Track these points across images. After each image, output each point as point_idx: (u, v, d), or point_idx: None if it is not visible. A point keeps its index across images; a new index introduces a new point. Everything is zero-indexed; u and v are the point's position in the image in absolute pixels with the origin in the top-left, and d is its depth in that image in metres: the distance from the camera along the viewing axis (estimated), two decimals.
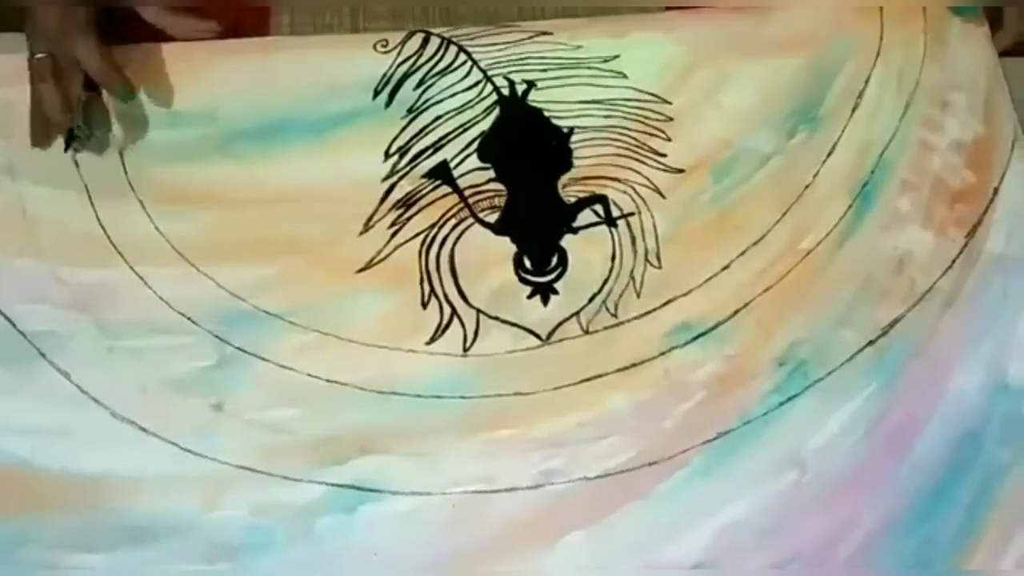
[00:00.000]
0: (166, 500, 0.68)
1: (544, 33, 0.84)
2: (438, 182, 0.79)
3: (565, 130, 0.80)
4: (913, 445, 0.71)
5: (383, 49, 0.83)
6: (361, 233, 0.76)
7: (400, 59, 0.82)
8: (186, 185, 0.78)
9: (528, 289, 0.75)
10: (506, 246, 0.77)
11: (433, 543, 0.68)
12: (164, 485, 0.69)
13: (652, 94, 0.82)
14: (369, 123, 0.80)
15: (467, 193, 0.78)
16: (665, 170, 0.79)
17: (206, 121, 0.80)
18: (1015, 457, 0.70)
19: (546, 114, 0.81)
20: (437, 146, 0.80)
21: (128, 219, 0.76)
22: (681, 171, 0.79)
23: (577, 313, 0.75)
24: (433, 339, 0.74)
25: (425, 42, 0.83)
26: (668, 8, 0.86)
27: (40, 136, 0.79)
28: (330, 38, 0.83)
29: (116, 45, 0.79)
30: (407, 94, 0.81)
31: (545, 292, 0.75)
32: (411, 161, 0.79)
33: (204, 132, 0.79)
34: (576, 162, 0.79)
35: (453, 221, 0.77)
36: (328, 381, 0.72)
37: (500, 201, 0.78)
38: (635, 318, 0.75)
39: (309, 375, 0.72)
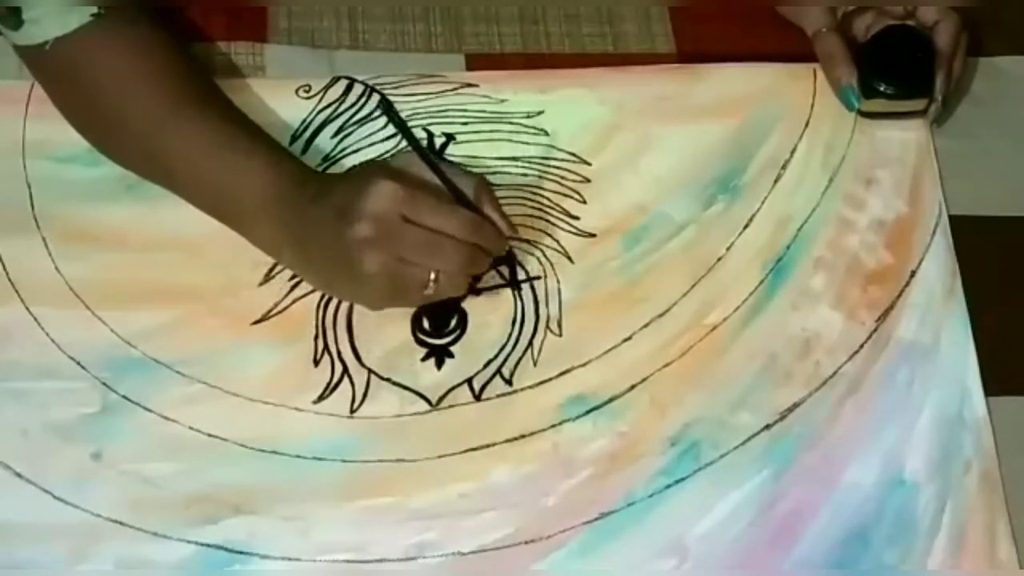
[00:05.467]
0: (32, 548, 0.67)
1: (470, 85, 0.82)
2: None
3: None
4: (800, 538, 0.68)
5: (305, 95, 0.82)
6: (261, 284, 0.75)
7: (321, 105, 0.81)
8: (92, 225, 0.76)
9: (423, 351, 0.74)
10: None
11: None
12: (32, 532, 0.67)
13: (572, 153, 0.80)
14: None
15: None
16: (577, 233, 0.78)
17: None
18: (902, 558, 0.68)
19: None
20: None
21: (29, 257, 0.75)
22: (592, 235, 0.78)
23: (470, 379, 0.73)
24: (321, 398, 0.72)
25: (348, 89, 0.82)
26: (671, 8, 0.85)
27: None
28: (254, 81, 0.82)
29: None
30: (324, 142, 0.80)
31: (440, 355, 0.74)
32: None
33: (117, 172, 0.78)
34: None
35: None
36: (209, 435, 0.70)
37: None
38: (529, 387, 0.73)
39: (191, 428, 0.71)
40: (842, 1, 0.82)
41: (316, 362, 0.73)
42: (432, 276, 0.69)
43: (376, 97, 0.81)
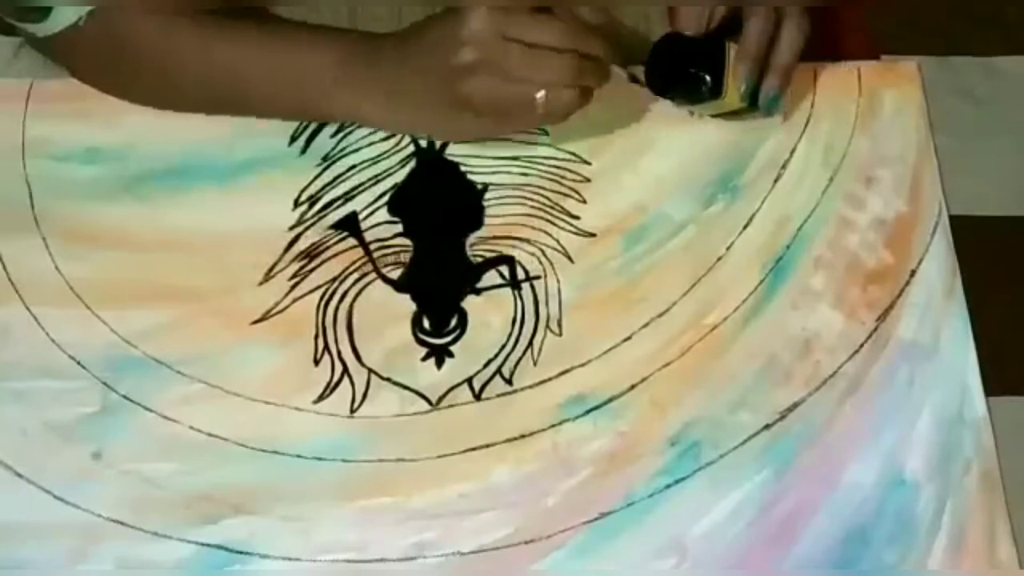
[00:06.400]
0: (32, 548, 0.67)
1: None
2: (345, 234, 0.77)
3: (479, 187, 0.79)
4: (800, 538, 0.68)
5: None
6: (261, 283, 0.75)
7: None
8: (91, 225, 0.77)
9: (423, 351, 0.74)
10: (406, 305, 0.75)
11: None
12: (32, 532, 0.67)
13: (572, 153, 0.80)
14: (282, 170, 0.79)
15: (372, 247, 0.77)
16: (576, 233, 0.78)
17: (119, 159, 0.79)
18: (902, 558, 0.67)
19: (462, 169, 0.79)
20: (348, 196, 0.78)
21: (29, 257, 0.75)
22: (592, 235, 0.78)
23: (470, 379, 0.73)
24: (321, 398, 0.72)
25: None
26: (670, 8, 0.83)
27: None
28: None
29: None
30: (324, 141, 0.80)
31: (440, 355, 0.74)
32: (320, 211, 0.78)
33: (116, 171, 0.78)
34: (487, 220, 0.78)
35: (355, 275, 0.76)
36: (209, 435, 0.70)
37: (405, 257, 0.76)
38: (529, 387, 0.73)
39: (191, 427, 0.71)
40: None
41: (316, 362, 0.73)
42: (539, 95, 0.69)
43: None
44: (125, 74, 0.77)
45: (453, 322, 0.75)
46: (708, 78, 0.75)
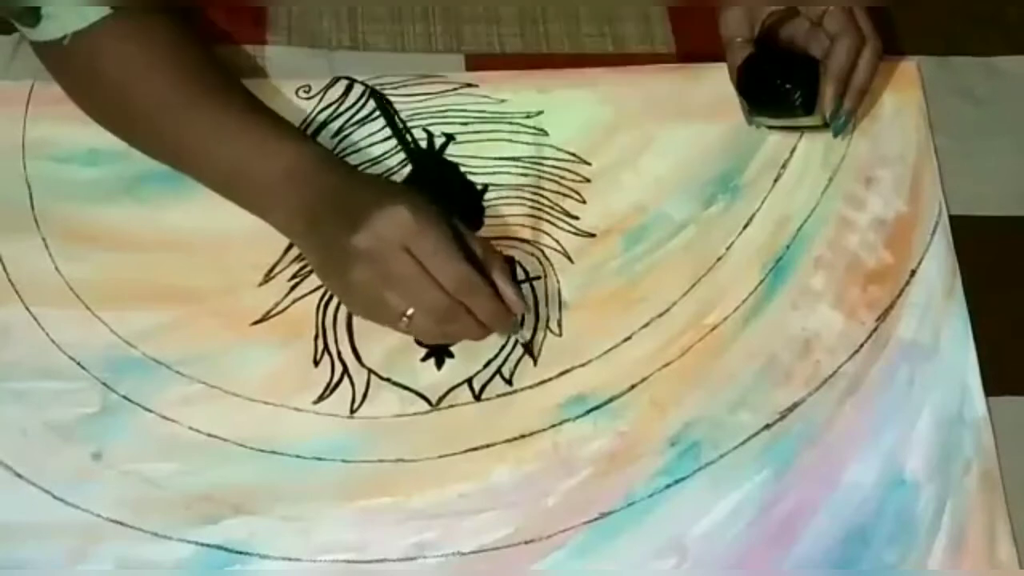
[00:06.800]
0: (32, 548, 0.67)
1: (470, 85, 0.82)
2: None
3: (479, 187, 0.79)
4: (800, 537, 0.68)
5: (305, 95, 0.81)
6: (261, 284, 0.75)
7: (321, 106, 0.81)
8: (91, 225, 0.77)
9: (423, 351, 0.73)
10: None
11: None
12: (32, 532, 0.68)
13: (572, 153, 0.80)
14: None
15: None
16: (576, 233, 0.78)
17: (120, 161, 0.78)
18: (902, 558, 0.68)
19: (462, 169, 0.80)
20: None
21: (29, 257, 0.75)
22: (592, 235, 0.78)
23: (470, 379, 0.73)
24: (321, 398, 0.72)
25: (348, 90, 0.82)
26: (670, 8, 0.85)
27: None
28: (254, 81, 0.81)
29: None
30: (324, 142, 0.80)
31: (440, 355, 0.74)
32: None
33: (116, 172, 0.78)
34: (487, 221, 0.78)
35: None
36: (209, 435, 0.70)
37: None
38: (529, 387, 0.73)
39: (190, 428, 0.71)
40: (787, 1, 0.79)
41: (316, 362, 0.73)
42: (409, 311, 0.68)
43: (376, 97, 0.82)
44: (95, 103, 0.77)
45: None
46: (800, 94, 0.76)
